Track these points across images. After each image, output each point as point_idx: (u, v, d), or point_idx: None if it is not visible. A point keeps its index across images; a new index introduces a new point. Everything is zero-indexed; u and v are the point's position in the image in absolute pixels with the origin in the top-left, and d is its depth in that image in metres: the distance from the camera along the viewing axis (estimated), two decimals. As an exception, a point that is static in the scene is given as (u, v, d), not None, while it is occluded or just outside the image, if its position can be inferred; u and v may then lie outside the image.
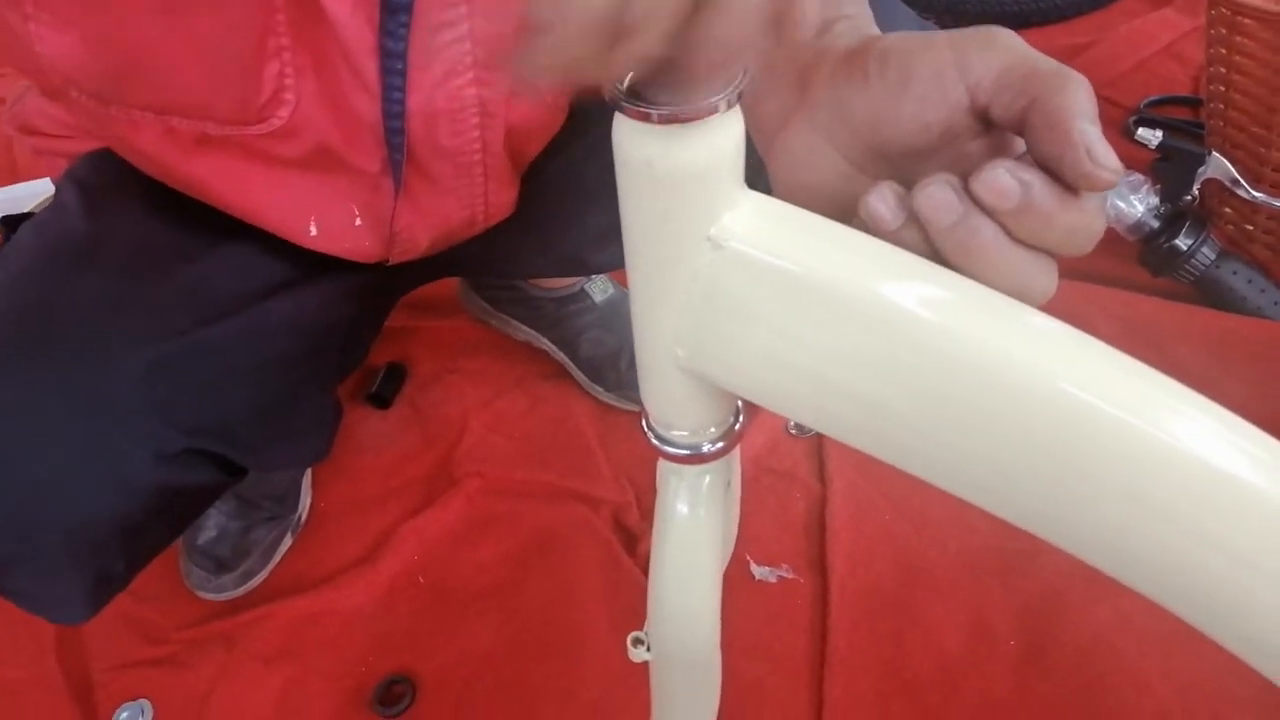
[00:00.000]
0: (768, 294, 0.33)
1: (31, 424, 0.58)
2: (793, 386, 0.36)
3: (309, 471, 1.08)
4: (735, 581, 0.96)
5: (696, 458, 0.43)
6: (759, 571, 0.97)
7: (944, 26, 1.58)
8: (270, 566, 1.01)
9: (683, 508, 0.47)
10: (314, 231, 0.66)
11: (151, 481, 0.62)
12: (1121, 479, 0.30)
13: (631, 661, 0.57)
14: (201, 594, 0.99)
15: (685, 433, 0.43)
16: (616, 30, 0.24)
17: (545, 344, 1.17)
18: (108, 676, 0.95)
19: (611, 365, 1.11)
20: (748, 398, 0.42)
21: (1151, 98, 1.41)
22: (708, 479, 0.46)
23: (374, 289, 0.79)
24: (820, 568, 0.97)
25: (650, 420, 0.43)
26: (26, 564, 0.61)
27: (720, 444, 0.43)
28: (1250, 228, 1.19)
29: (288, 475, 1.04)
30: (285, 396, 0.71)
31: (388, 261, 0.73)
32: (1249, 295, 1.10)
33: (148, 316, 0.61)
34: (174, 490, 0.65)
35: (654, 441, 0.43)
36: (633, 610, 0.95)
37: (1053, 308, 1.13)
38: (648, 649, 0.56)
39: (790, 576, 0.97)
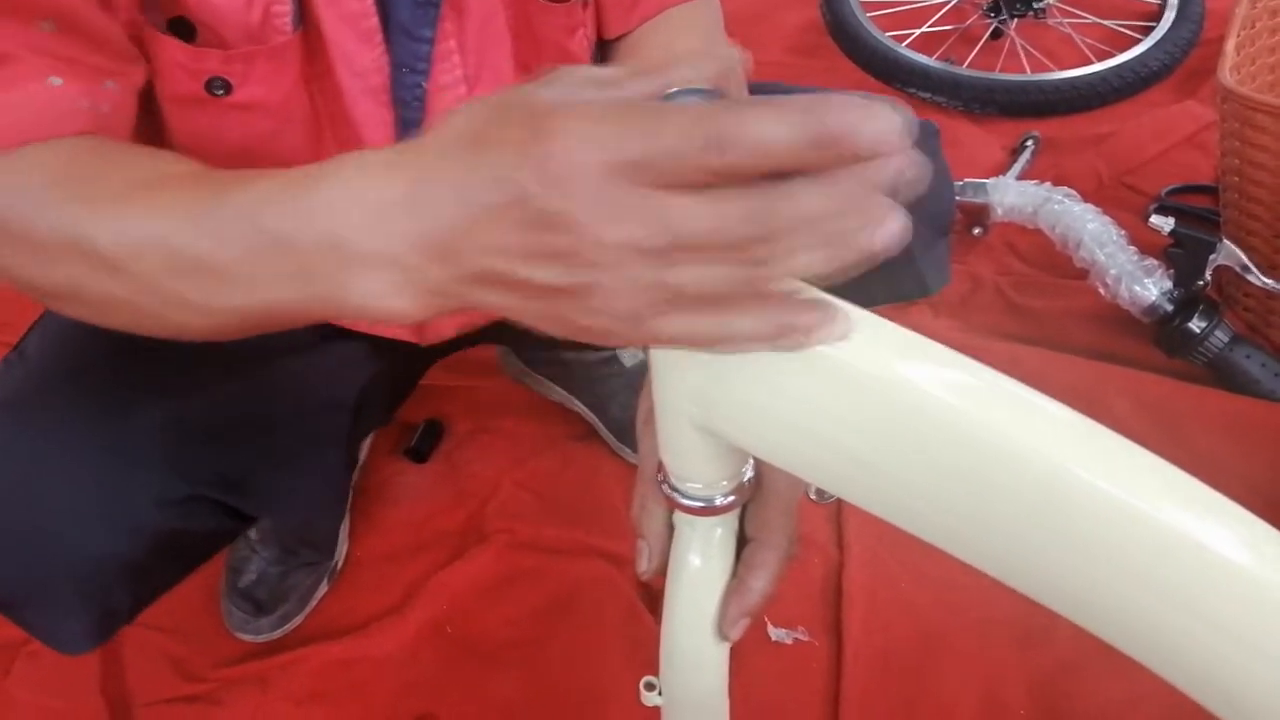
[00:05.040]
0: (783, 363, 0.36)
1: (45, 470, 0.63)
2: (804, 449, 0.39)
3: (346, 520, 1.12)
4: (751, 642, 0.98)
5: (709, 510, 0.47)
6: (775, 633, 0.99)
7: (973, 114, 1.63)
8: (307, 611, 1.06)
9: (695, 559, 0.50)
10: None
11: (155, 526, 0.66)
12: (1123, 558, 0.32)
13: (648, 711, 0.61)
14: (240, 635, 1.03)
15: (699, 485, 0.46)
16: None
17: (577, 405, 1.21)
18: (147, 711, 0.99)
19: (639, 428, 1.15)
20: (759, 456, 0.46)
21: (1173, 186, 1.45)
22: (719, 531, 0.49)
23: (400, 358, 0.84)
24: (836, 632, 0.99)
25: (666, 473, 0.47)
26: (37, 600, 0.66)
27: (732, 497, 0.47)
28: (1268, 313, 1.22)
29: (318, 519, 1.09)
30: (294, 452, 0.75)
31: (418, 345, 0.78)
32: (1262, 379, 1.13)
33: (169, 371, 0.65)
34: (178, 534, 0.68)
35: (669, 493, 0.47)
36: (652, 665, 0.97)
37: (1070, 385, 1.17)
38: (659, 693, 0.59)
39: (806, 639, 0.99)
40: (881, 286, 0.81)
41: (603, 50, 0.74)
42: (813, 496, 1.11)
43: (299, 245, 0.39)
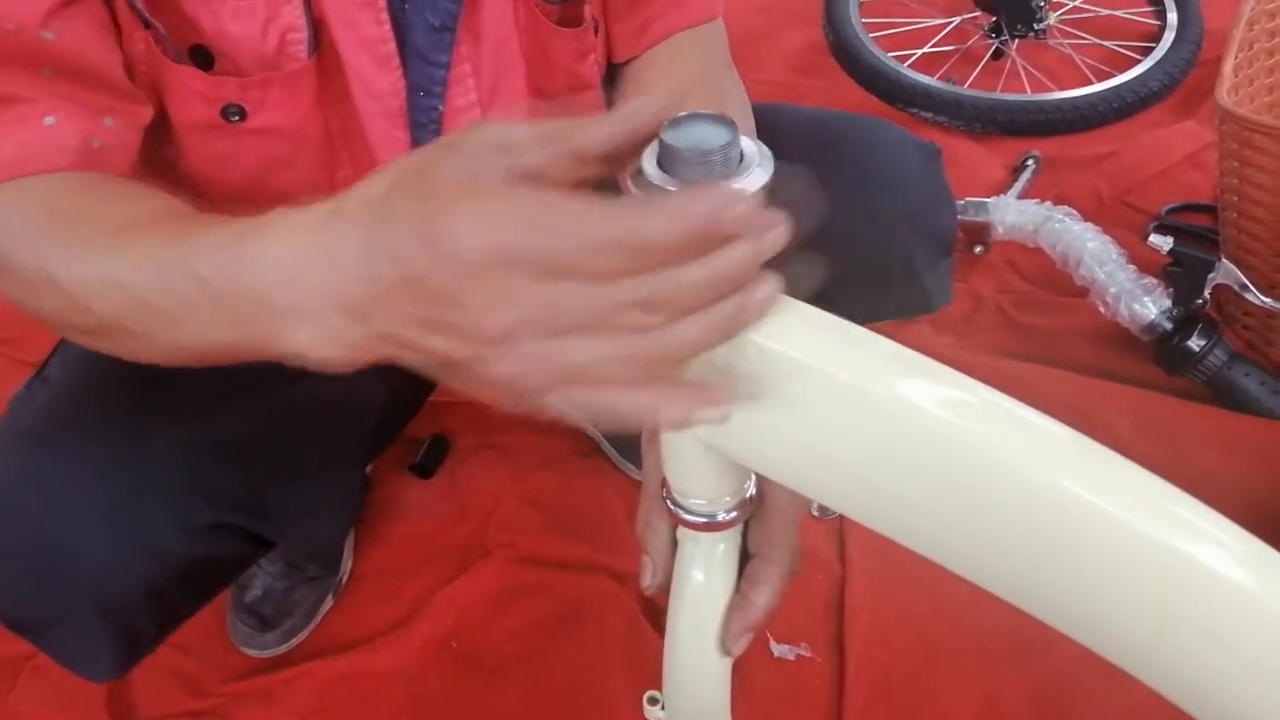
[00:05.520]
0: (785, 383, 0.38)
1: (69, 494, 0.63)
2: (804, 465, 0.40)
3: (351, 535, 1.13)
4: (754, 658, 0.99)
5: (712, 525, 0.48)
6: (778, 649, 1.00)
7: (974, 134, 1.64)
8: (311, 626, 1.06)
9: (698, 574, 0.51)
10: None
11: (179, 551, 0.67)
12: (1119, 574, 0.33)
13: (650, 725, 0.61)
14: (245, 650, 1.04)
15: (702, 501, 0.47)
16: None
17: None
18: (153, 726, 1.00)
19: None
20: (760, 472, 0.46)
21: (1172, 205, 1.46)
22: (722, 546, 0.50)
23: (412, 376, 0.84)
24: (838, 647, 1.00)
25: (670, 489, 0.48)
26: (60, 625, 0.66)
27: (734, 513, 0.48)
28: (1267, 331, 1.23)
29: (332, 538, 1.10)
30: (312, 473, 0.76)
31: None
32: (1261, 397, 1.14)
33: (190, 395, 0.66)
34: (201, 560, 0.69)
35: (672, 508, 0.48)
36: (655, 680, 0.97)
37: (1069, 402, 1.17)
38: (661, 708, 0.60)
39: (809, 655, 1.00)
40: (885, 304, 0.83)
41: (612, 73, 0.76)
42: (815, 513, 1.11)
43: (230, 298, 0.42)
